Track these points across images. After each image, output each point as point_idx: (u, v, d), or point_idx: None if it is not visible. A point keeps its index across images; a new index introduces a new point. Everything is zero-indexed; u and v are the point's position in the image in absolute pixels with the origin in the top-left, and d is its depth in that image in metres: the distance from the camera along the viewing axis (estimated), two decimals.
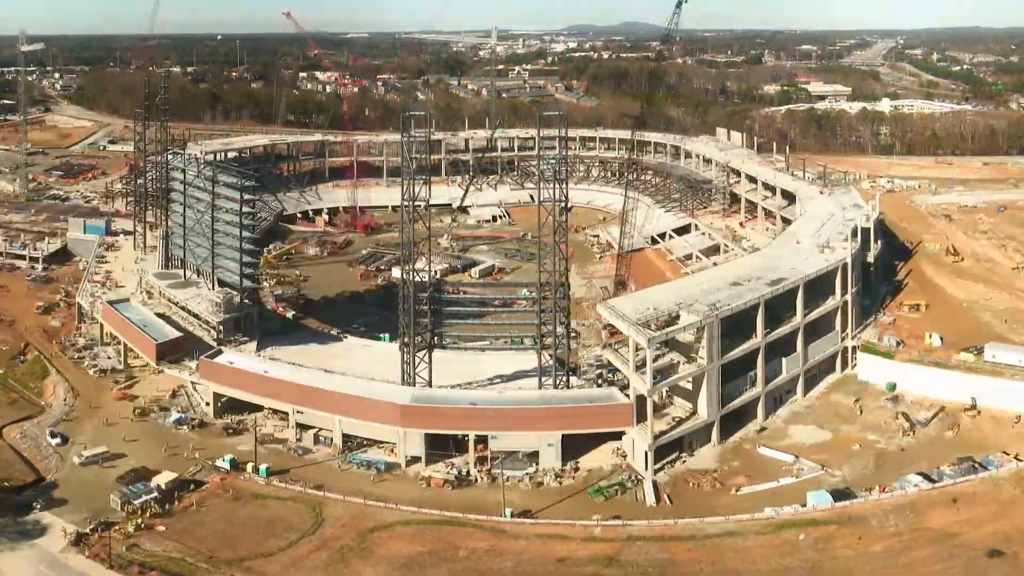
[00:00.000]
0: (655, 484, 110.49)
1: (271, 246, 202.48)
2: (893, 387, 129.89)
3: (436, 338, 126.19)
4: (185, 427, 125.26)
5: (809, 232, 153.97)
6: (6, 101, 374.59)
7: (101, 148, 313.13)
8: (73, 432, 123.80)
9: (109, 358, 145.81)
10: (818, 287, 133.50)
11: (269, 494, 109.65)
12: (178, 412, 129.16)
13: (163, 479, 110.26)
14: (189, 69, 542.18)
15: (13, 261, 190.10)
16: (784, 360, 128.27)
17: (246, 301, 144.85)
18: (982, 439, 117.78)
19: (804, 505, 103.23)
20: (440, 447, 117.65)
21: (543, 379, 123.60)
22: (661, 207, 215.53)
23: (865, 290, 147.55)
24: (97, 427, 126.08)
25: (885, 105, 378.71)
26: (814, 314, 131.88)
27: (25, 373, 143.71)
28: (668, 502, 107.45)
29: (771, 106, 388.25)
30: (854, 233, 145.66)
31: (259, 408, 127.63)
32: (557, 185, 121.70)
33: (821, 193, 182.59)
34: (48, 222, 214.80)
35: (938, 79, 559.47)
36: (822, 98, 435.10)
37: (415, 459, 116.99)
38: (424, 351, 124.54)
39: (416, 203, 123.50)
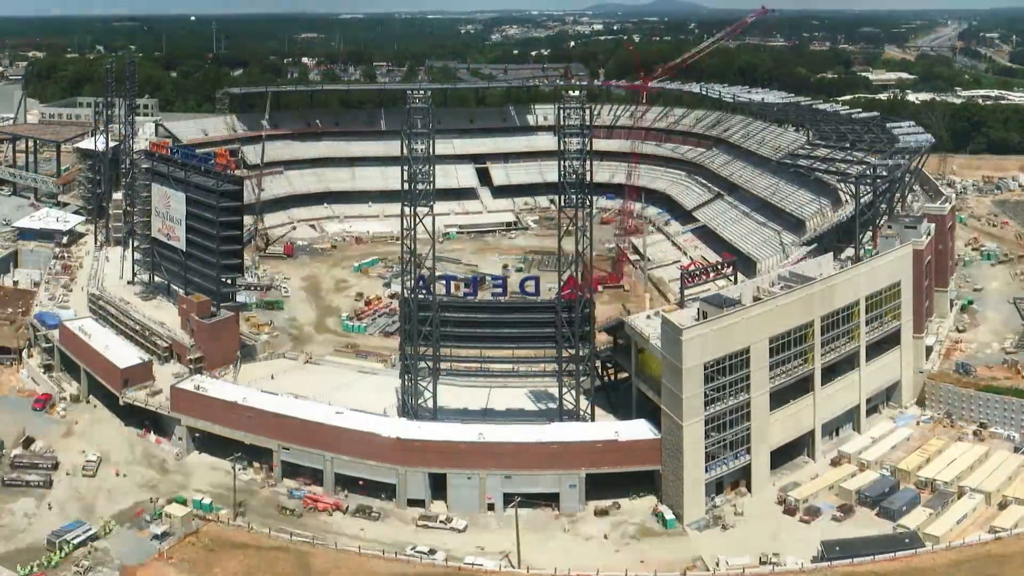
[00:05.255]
0: None
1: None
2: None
3: (440, 364, 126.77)
4: None
5: None
6: None
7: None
8: None
9: None
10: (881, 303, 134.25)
11: (249, 543, 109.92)
12: None
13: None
14: (156, 54, 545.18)
15: None
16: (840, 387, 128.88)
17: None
18: None
19: None
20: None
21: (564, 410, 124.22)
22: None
23: None
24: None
25: (955, 96, 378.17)
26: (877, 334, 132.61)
27: None
28: None
29: (826, 96, 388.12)
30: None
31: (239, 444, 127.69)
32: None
33: None
34: None
35: (1017, 65, 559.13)
36: (884, 87, 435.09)
37: (417, 502, 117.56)
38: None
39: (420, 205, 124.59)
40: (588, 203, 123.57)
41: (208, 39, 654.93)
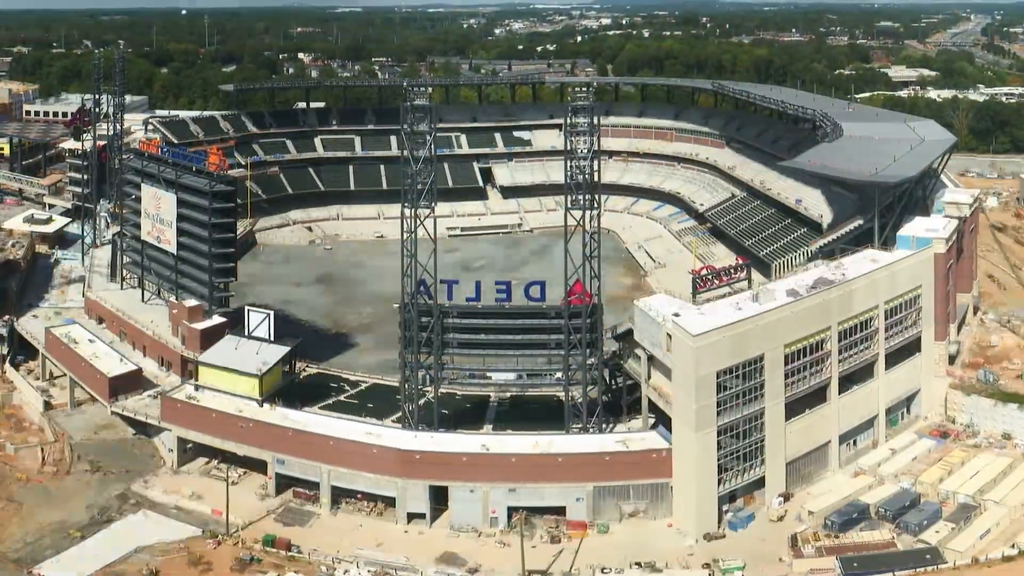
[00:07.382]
0: None
1: None
2: None
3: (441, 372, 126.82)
4: None
5: None
6: None
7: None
8: None
9: None
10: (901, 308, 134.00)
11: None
12: None
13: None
14: (146, 49, 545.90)
15: None
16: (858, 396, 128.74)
17: None
18: None
19: None
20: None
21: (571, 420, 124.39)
22: None
23: None
24: None
25: (977, 93, 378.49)
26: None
27: None
28: None
29: (845, 93, 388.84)
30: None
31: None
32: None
33: None
34: None
35: None
36: (905, 84, 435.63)
37: (418, 516, 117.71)
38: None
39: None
40: (596, 204, 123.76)
41: (200, 34, 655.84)
